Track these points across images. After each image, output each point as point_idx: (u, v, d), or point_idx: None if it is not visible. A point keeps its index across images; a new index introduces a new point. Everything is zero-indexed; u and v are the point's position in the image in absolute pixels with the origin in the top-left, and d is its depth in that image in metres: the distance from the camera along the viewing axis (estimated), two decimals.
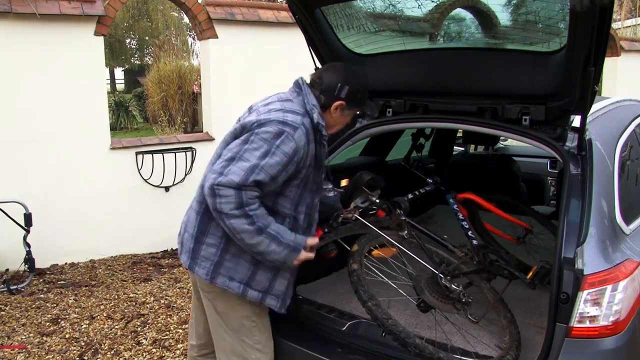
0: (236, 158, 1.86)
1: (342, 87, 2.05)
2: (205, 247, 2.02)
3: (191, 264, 2.06)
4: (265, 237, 1.92)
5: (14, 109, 4.67)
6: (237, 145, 1.90)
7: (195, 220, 2.04)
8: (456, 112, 2.49)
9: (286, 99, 2.07)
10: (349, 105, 2.09)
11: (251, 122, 1.94)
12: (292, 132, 1.91)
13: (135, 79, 23.13)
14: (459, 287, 2.22)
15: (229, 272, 2.02)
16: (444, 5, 2.67)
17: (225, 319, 2.14)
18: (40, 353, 3.40)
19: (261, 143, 1.88)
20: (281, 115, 1.94)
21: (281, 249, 1.97)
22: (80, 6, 4.78)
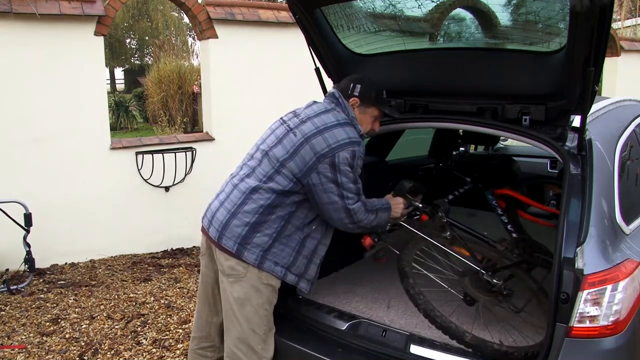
0: (344, 191, 2.23)
1: (355, 85, 2.34)
2: (260, 236, 2.23)
3: (239, 249, 2.23)
4: (381, 213, 2.38)
5: (14, 109, 4.67)
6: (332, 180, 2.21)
7: (257, 212, 2.24)
8: (456, 112, 2.49)
9: (332, 108, 2.32)
10: (363, 102, 2.34)
11: (322, 149, 2.19)
12: (359, 148, 2.25)
13: (135, 79, 23.12)
14: (500, 281, 2.42)
15: (275, 258, 2.25)
16: (444, 5, 2.66)
17: (240, 306, 2.26)
18: (40, 353, 3.40)
19: (347, 169, 2.21)
20: (344, 134, 2.22)
21: (383, 212, 2.40)
22: (80, 6, 4.78)
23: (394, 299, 2.82)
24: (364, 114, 2.37)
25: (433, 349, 2.21)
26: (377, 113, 2.40)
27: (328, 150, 2.18)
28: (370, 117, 2.39)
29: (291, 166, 2.23)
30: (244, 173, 2.37)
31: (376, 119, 2.43)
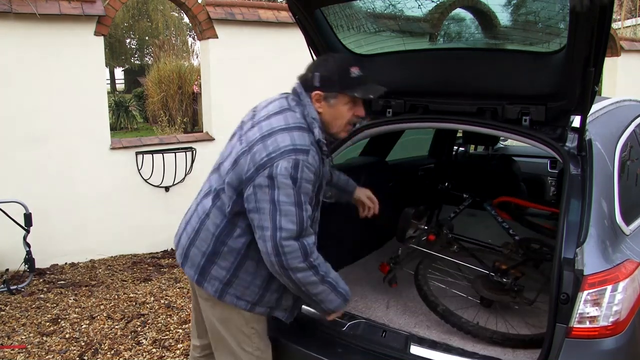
0: (280, 216, 1.80)
1: (314, 74, 1.94)
2: (217, 268, 1.99)
3: (199, 279, 2.02)
4: (327, 285, 1.94)
5: (14, 109, 4.66)
6: (268, 197, 1.81)
7: (210, 241, 1.98)
8: (456, 113, 2.49)
9: (287, 107, 1.96)
10: (327, 93, 1.93)
11: (261, 158, 1.83)
12: (306, 158, 1.83)
13: (135, 79, 23.11)
14: (509, 280, 2.61)
15: (238, 292, 2.00)
16: (444, 5, 2.66)
17: (224, 326, 2.10)
18: (40, 353, 3.40)
19: (288, 183, 1.80)
20: (288, 140, 1.84)
21: (336, 298, 1.99)
22: (80, 6, 4.78)
23: (392, 299, 2.83)
24: (334, 107, 1.94)
25: (433, 349, 2.21)
26: (350, 100, 1.95)
27: (267, 160, 1.81)
28: (344, 109, 1.95)
29: (231, 179, 1.91)
30: (205, 190, 2.08)
31: (354, 108, 1.98)
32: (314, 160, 1.86)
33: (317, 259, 1.89)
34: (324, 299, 1.96)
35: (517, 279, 2.65)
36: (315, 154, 1.88)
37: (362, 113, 2.00)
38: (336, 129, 2.00)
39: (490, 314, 2.64)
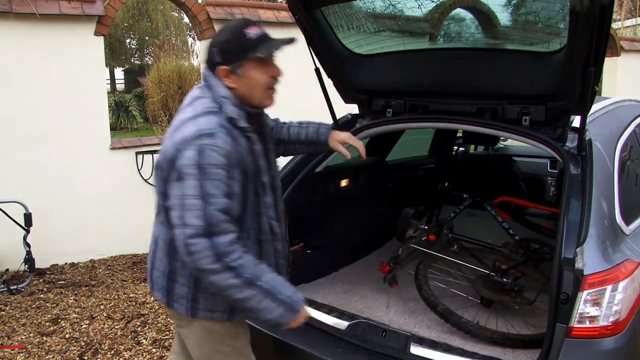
0: (184, 211, 1.62)
1: (212, 50, 1.77)
2: (179, 286, 1.84)
3: (169, 301, 1.88)
4: (257, 291, 1.65)
5: (14, 108, 4.66)
6: (176, 192, 1.66)
7: (165, 259, 1.84)
8: (456, 112, 2.49)
9: (198, 97, 1.80)
10: (231, 64, 1.74)
11: (166, 150, 1.70)
12: (212, 141, 1.63)
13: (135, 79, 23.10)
14: (510, 280, 2.62)
15: (209, 305, 1.83)
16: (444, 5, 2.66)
17: (199, 350, 1.94)
18: (40, 353, 3.40)
19: (191, 172, 1.61)
20: (193, 128, 1.67)
21: (276, 306, 1.68)
22: (80, 6, 4.78)
23: (392, 299, 2.83)
24: (244, 76, 1.75)
25: (433, 349, 2.21)
26: (257, 63, 1.74)
27: (174, 153, 1.66)
28: (256, 74, 1.76)
29: (159, 187, 1.76)
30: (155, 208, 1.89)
31: (267, 69, 1.77)
32: (224, 142, 1.65)
33: (239, 259, 1.63)
34: (255, 307, 1.67)
35: (517, 279, 2.65)
36: (227, 135, 1.67)
37: (278, 72, 1.79)
38: (257, 98, 1.79)
39: (490, 314, 2.64)
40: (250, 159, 1.76)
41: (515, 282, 2.62)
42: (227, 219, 1.65)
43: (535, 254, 2.89)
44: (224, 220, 1.63)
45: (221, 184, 1.63)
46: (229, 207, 1.66)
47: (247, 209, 1.78)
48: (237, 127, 1.73)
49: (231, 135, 1.69)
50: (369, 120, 2.76)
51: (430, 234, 3.00)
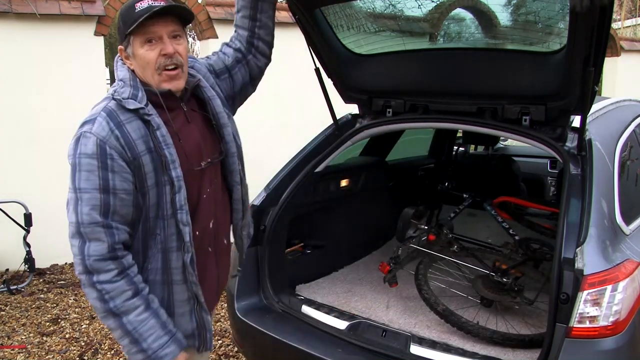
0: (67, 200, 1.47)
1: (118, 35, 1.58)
2: None
3: None
4: (118, 326, 1.44)
5: (14, 108, 4.66)
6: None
7: None
8: (456, 112, 2.49)
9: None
10: (124, 44, 1.56)
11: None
12: (89, 127, 1.44)
13: None
14: (510, 280, 2.61)
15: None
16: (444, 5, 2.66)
17: None
18: (40, 353, 3.40)
19: (70, 161, 1.45)
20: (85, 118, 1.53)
21: (135, 351, 1.46)
22: (80, 6, 4.78)
23: (392, 299, 2.83)
24: (135, 56, 1.54)
25: (433, 348, 2.21)
26: (142, 40, 1.52)
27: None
28: (143, 52, 1.52)
29: None
30: None
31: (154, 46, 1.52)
32: (99, 128, 1.43)
33: (106, 284, 1.41)
34: (120, 337, 1.48)
35: (517, 279, 2.65)
36: (108, 120, 1.45)
37: (169, 49, 1.51)
38: (152, 79, 1.54)
39: (490, 314, 2.64)
40: (151, 147, 1.48)
41: (515, 282, 2.62)
42: (102, 221, 1.40)
43: (535, 254, 2.89)
44: (96, 223, 1.40)
45: (92, 175, 1.41)
46: (107, 205, 1.41)
47: (149, 210, 1.49)
48: (130, 110, 1.48)
49: (116, 120, 1.45)
50: (369, 120, 2.76)
51: (430, 234, 3.00)
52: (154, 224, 1.51)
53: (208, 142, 1.66)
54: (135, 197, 1.47)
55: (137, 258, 1.52)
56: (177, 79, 1.56)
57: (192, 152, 1.59)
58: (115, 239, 1.44)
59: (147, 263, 1.53)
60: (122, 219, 1.45)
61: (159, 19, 1.49)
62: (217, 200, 1.67)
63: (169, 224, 1.51)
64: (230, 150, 1.69)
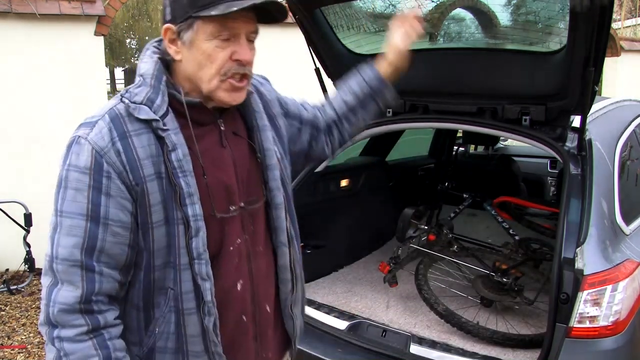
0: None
1: (164, 9, 1.17)
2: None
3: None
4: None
5: (14, 109, 4.66)
6: None
7: None
8: (456, 112, 2.49)
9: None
10: (179, 25, 1.14)
11: None
12: (84, 132, 1.10)
13: None
14: (510, 280, 2.61)
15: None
16: (444, 5, 2.66)
17: None
18: (41, 353, 3.40)
19: (58, 172, 1.12)
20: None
21: None
22: (80, 6, 4.78)
23: (392, 299, 2.83)
24: (192, 46, 1.14)
25: (433, 348, 2.21)
26: (213, 29, 1.12)
27: None
28: (209, 47, 1.13)
29: None
30: None
31: (228, 46, 1.15)
32: (97, 136, 1.08)
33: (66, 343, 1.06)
34: None
35: (517, 279, 2.65)
36: (110, 126, 1.09)
37: (246, 56, 1.17)
38: (207, 83, 1.16)
39: (490, 314, 2.64)
40: (162, 172, 1.11)
41: (515, 282, 2.62)
42: (81, 260, 1.06)
43: (535, 254, 2.89)
44: (74, 261, 1.06)
45: (80, 196, 1.07)
46: (94, 239, 1.07)
47: (154, 256, 1.12)
48: (142, 120, 1.11)
49: (122, 129, 1.10)
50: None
51: (430, 234, 3.00)
52: (163, 274, 1.13)
53: (247, 180, 1.24)
54: (134, 235, 1.10)
55: (137, 317, 1.16)
56: (240, 92, 1.20)
57: (217, 187, 1.17)
58: (95, 287, 1.07)
59: (153, 326, 1.15)
60: (110, 262, 1.09)
61: (244, 13, 1.12)
62: (254, 257, 1.25)
63: (184, 277, 1.12)
64: (275, 200, 1.28)
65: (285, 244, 1.30)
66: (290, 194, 1.35)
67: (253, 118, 1.28)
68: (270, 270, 1.31)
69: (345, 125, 1.58)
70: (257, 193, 1.27)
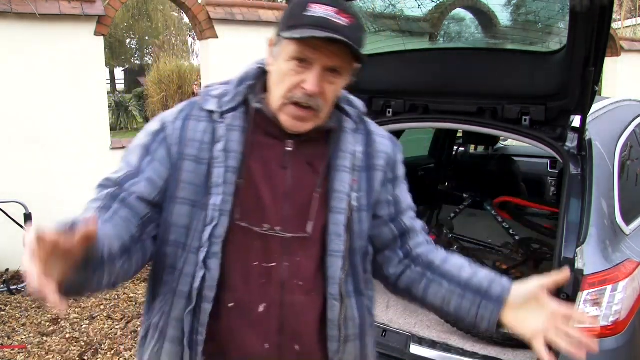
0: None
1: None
2: None
3: None
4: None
5: (14, 109, 4.66)
6: None
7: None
8: (456, 112, 2.49)
9: None
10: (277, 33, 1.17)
11: None
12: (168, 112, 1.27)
13: (135, 79, 23.12)
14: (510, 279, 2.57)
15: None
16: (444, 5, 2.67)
17: None
18: (40, 353, 3.40)
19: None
20: None
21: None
22: (80, 6, 4.78)
23: (392, 299, 2.83)
24: (277, 65, 1.16)
25: (433, 348, 2.21)
26: (293, 50, 1.12)
27: None
28: (285, 67, 1.14)
29: None
30: None
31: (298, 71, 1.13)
32: (171, 113, 1.24)
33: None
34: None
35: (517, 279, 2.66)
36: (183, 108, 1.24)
37: (312, 87, 1.11)
38: (275, 102, 1.17)
39: None
40: (203, 159, 1.16)
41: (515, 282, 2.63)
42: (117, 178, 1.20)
43: (535, 254, 2.89)
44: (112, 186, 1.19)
45: (138, 147, 1.24)
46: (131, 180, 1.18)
47: (169, 230, 1.17)
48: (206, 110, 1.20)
49: (188, 112, 1.22)
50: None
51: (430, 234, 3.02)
52: (174, 253, 1.17)
53: (298, 210, 1.19)
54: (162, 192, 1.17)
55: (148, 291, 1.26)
56: (301, 121, 1.16)
57: (249, 196, 1.17)
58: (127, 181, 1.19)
59: (156, 302, 1.22)
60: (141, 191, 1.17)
61: (326, 44, 1.09)
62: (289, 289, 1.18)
63: (190, 260, 1.15)
64: (330, 246, 1.19)
65: (336, 297, 1.20)
66: (360, 248, 1.24)
67: (335, 156, 1.22)
68: (312, 315, 1.21)
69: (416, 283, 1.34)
70: (303, 228, 1.18)
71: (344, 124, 1.24)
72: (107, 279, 1.06)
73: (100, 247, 1.00)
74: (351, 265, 1.23)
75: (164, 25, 22.42)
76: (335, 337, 1.21)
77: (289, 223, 1.18)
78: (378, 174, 1.28)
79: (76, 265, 0.96)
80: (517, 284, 1.16)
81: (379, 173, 1.28)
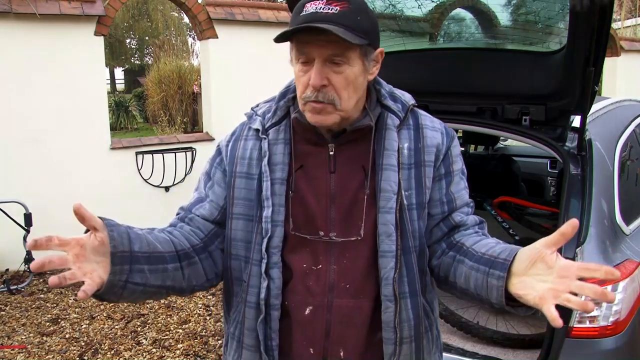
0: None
1: None
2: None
3: None
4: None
5: (14, 109, 4.66)
6: None
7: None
8: (456, 112, 2.49)
9: None
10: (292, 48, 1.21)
11: None
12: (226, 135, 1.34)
13: (135, 79, 23.12)
14: None
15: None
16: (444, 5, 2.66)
17: None
18: (40, 353, 3.40)
19: None
20: None
21: None
22: (80, 6, 4.78)
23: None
24: (293, 65, 1.25)
25: None
26: (295, 53, 1.20)
27: None
28: (299, 73, 1.19)
29: None
30: None
31: (302, 68, 1.18)
32: (226, 136, 1.32)
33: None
34: None
35: None
36: (237, 130, 1.31)
37: (313, 80, 1.13)
38: (300, 105, 1.21)
39: (490, 314, 2.64)
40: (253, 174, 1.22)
41: None
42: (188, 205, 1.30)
43: None
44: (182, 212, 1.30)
45: (210, 178, 1.30)
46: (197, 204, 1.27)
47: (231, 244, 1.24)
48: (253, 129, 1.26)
49: (240, 133, 1.29)
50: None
51: None
52: (239, 266, 1.22)
53: (347, 213, 1.19)
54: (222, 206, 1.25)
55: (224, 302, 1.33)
56: (321, 114, 1.15)
57: (298, 206, 1.20)
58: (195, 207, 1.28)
59: (231, 312, 1.28)
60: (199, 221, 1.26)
61: (315, 37, 1.10)
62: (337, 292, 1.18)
63: (253, 272, 1.19)
64: (381, 247, 1.17)
65: (390, 299, 1.16)
66: (413, 247, 1.20)
67: (379, 155, 1.20)
68: (359, 319, 1.19)
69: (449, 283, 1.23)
70: (354, 231, 1.18)
71: (387, 120, 1.23)
72: (154, 278, 1.14)
73: (124, 242, 1.16)
74: (405, 265, 1.19)
75: (164, 25, 22.42)
76: (391, 339, 1.18)
77: (341, 227, 1.18)
78: (428, 170, 1.24)
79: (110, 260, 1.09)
80: (523, 248, 1.09)
81: (428, 169, 1.24)
